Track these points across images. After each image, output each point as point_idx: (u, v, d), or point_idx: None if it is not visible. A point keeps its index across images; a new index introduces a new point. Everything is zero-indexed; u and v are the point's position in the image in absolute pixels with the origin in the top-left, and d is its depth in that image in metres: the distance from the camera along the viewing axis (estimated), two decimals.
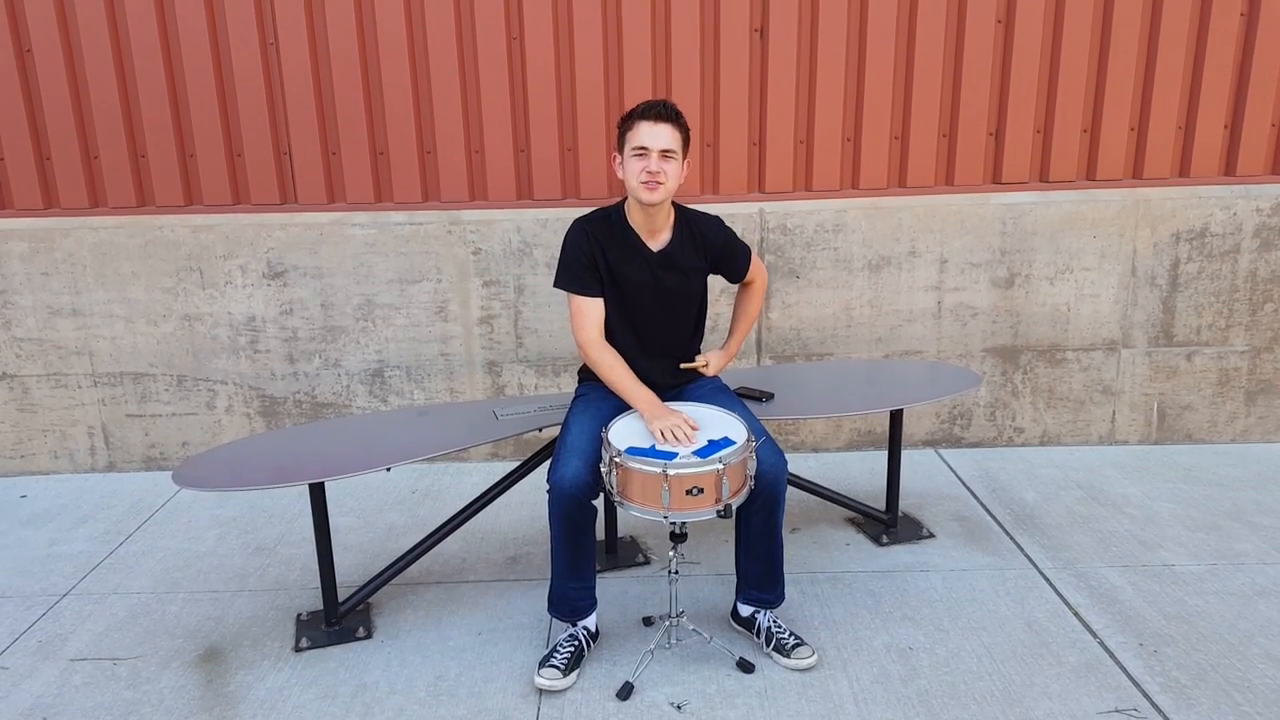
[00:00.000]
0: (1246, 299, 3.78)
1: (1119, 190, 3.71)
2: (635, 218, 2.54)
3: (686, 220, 2.60)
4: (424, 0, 3.50)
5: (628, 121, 2.47)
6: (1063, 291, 3.78)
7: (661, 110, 2.42)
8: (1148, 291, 3.78)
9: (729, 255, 2.67)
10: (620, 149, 2.49)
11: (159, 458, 3.90)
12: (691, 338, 2.73)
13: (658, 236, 2.56)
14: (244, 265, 3.70)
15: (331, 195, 3.70)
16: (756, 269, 2.77)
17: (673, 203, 2.58)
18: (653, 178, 2.41)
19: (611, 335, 2.59)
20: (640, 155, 2.42)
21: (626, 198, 2.56)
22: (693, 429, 2.35)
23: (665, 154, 2.42)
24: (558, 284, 2.57)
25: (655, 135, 2.41)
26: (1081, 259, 3.74)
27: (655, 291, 2.57)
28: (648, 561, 3.06)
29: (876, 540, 3.16)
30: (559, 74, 3.58)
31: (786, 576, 2.65)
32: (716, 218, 2.66)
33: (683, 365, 2.69)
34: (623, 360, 2.55)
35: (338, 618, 2.70)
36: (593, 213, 2.61)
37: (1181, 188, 3.70)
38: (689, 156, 2.55)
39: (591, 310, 2.54)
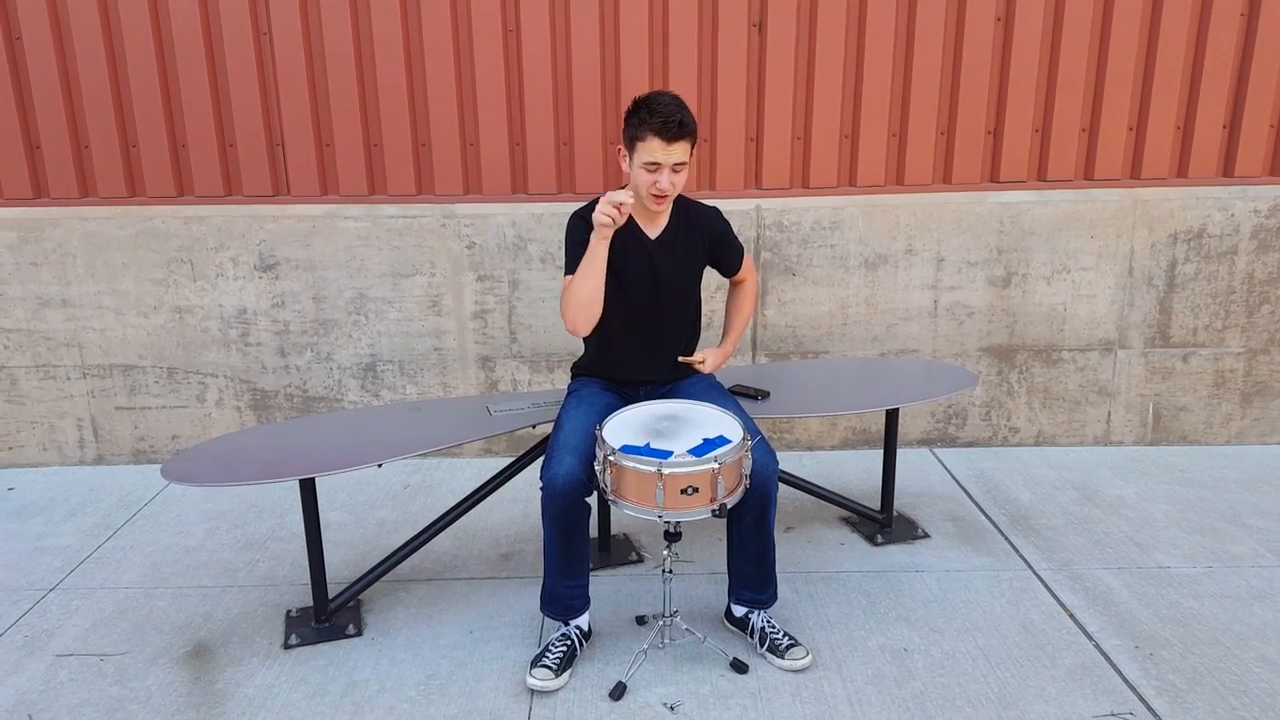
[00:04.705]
0: (1243, 300, 3.77)
1: (1117, 190, 3.69)
2: (634, 208, 2.53)
3: (685, 207, 2.62)
4: None
5: (639, 128, 2.37)
6: (1059, 291, 3.76)
7: (678, 129, 2.34)
8: (1144, 292, 3.77)
9: (725, 245, 2.69)
10: (628, 145, 2.43)
11: (148, 450, 3.86)
12: (690, 334, 2.72)
13: (655, 222, 2.57)
14: (235, 257, 3.66)
15: (324, 187, 3.67)
16: (748, 268, 2.81)
17: None
18: (663, 192, 2.42)
19: (612, 333, 2.58)
20: (653, 169, 2.39)
21: (623, 185, 2.54)
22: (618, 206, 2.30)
23: (677, 167, 2.40)
24: (566, 273, 2.54)
25: (670, 153, 2.37)
26: (1079, 259, 3.73)
27: (653, 280, 2.57)
28: (641, 560, 3.04)
29: (871, 540, 3.15)
30: (555, 66, 3.55)
31: (780, 576, 2.63)
32: (714, 208, 2.68)
33: (681, 359, 2.69)
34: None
35: (328, 614, 2.67)
36: (591, 202, 2.59)
37: (1179, 188, 3.68)
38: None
39: None
